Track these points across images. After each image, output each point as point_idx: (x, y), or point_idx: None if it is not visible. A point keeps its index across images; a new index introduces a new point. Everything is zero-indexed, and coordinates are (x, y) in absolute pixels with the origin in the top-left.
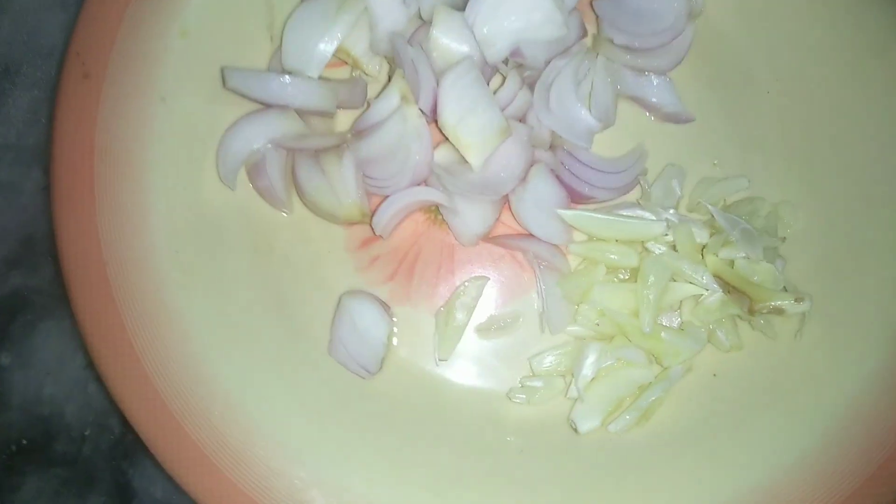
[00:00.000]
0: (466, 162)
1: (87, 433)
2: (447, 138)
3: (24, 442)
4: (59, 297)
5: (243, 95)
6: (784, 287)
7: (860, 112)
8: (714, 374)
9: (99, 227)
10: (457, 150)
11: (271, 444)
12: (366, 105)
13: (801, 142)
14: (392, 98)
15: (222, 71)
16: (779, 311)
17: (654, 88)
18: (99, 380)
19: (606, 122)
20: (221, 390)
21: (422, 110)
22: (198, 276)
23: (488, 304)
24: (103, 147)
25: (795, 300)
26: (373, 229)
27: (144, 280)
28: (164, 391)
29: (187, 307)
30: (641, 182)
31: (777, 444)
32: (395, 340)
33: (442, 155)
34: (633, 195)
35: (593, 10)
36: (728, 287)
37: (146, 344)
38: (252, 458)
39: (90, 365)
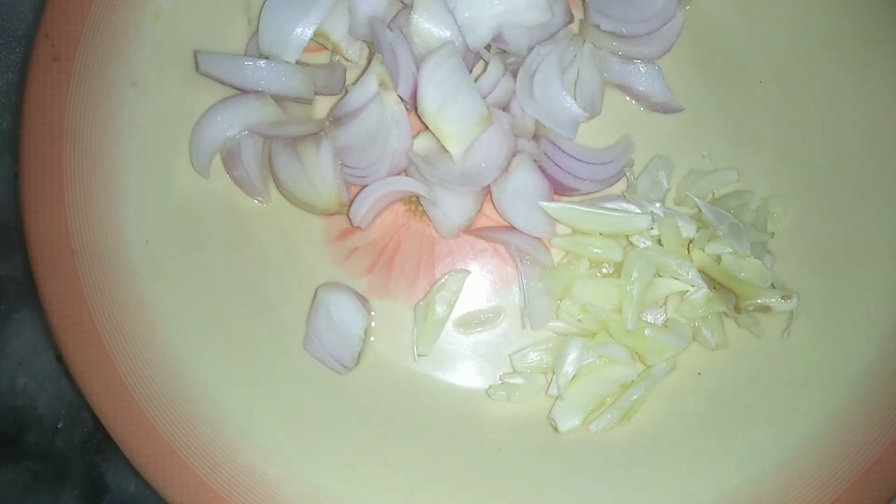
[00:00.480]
0: (447, 151)
1: (59, 426)
2: (427, 127)
3: None
4: (33, 287)
5: (218, 80)
6: (772, 284)
7: (854, 104)
8: (699, 373)
9: (68, 215)
10: (437, 139)
11: (242, 439)
12: (344, 91)
13: (794, 134)
14: (370, 84)
15: (196, 55)
16: (765, 309)
17: (642, 77)
18: (69, 374)
19: (592, 111)
20: (192, 384)
21: (401, 97)
22: (169, 267)
23: (469, 298)
24: (73, 132)
25: (783, 298)
26: (350, 220)
27: (114, 270)
28: (132, 385)
29: (158, 299)
30: (627, 174)
31: (762, 445)
32: (372, 335)
33: (421, 144)
34: (619, 187)
35: None
36: (714, 283)
37: (115, 337)
38: (222, 455)
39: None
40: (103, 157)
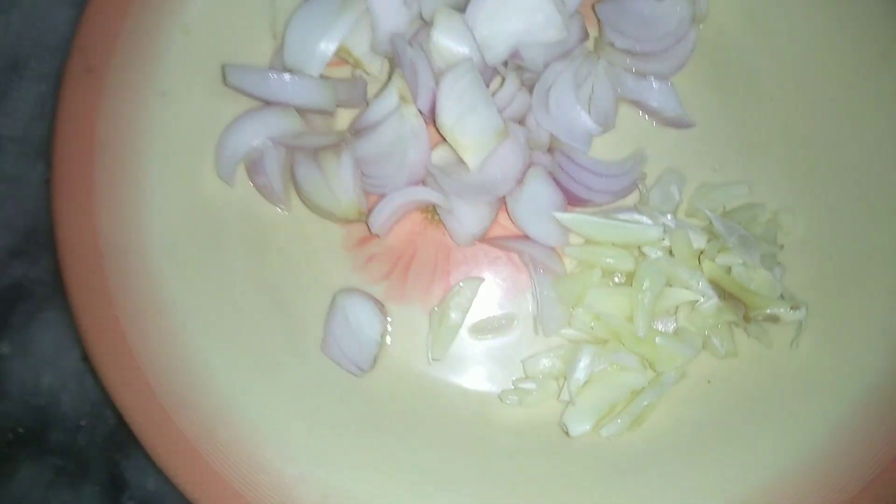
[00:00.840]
0: (464, 163)
1: (82, 423)
2: (445, 139)
3: (21, 430)
4: (60, 289)
5: (244, 92)
6: (781, 294)
7: (865, 120)
8: (708, 381)
9: (97, 219)
10: (454, 151)
11: (261, 439)
12: (365, 104)
13: (803, 149)
14: (390, 98)
15: (223, 68)
16: (774, 319)
17: (656, 93)
18: (93, 371)
19: (606, 125)
20: (213, 384)
21: (420, 110)
22: (194, 270)
23: (483, 304)
24: (104, 140)
25: (791, 308)
26: (369, 228)
27: (140, 273)
28: (155, 384)
29: (182, 301)
30: (640, 186)
31: (771, 453)
32: (388, 339)
33: (439, 155)
34: (632, 199)
35: (595, 14)
36: (724, 293)
37: (140, 336)
38: (241, 453)
39: (86, 357)
40: (132, 163)
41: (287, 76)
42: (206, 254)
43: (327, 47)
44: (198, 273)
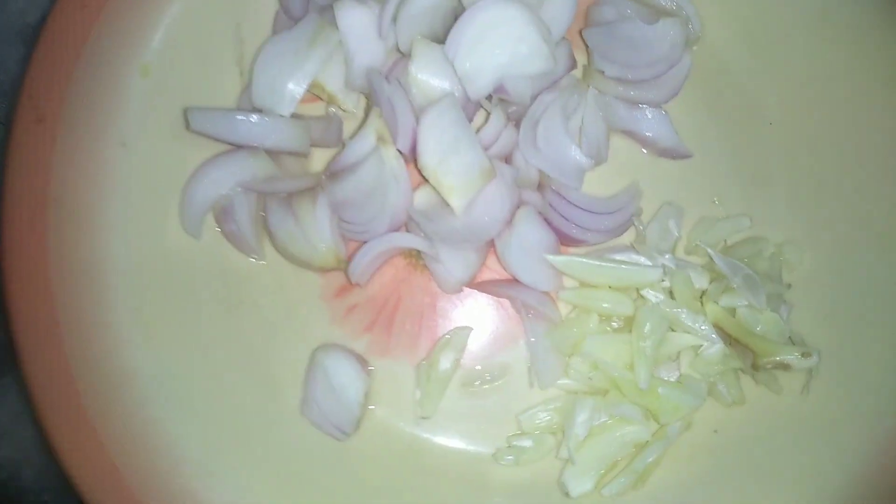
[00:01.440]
0: (448, 205)
1: (45, 499)
2: (427, 180)
3: None
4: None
5: (210, 136)
6: (790, 337)
7: (871, 146)
8: (715, 431)
9: (52, 284)
10: (438, 194)
11: None
12: (341, 144)
13: (807, 177)
14: (368, 138)
15: (185, 112)
16: (784, 367)
17: (649, 122)
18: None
19: (598, 159)
20: (183, 461)
21: (400, 151)
22: (160, 334)
23: (473, 356)
24: (58, 197)
25: (802, 355)
26: (349, 277)
27: (101, 340)
28: (120, 463)
29: (148, 369)
30: (636, 223)
31: None
32: (373, 398)
33: (422, 198)
34: (627, 237)
35: (583, 40)
36: (730, 339)
37: (101, 411)
38: None
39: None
40: (90, 221)
41: (255, 117)
42: (173, 314)
43: (298, 84)
44: (164, 336)
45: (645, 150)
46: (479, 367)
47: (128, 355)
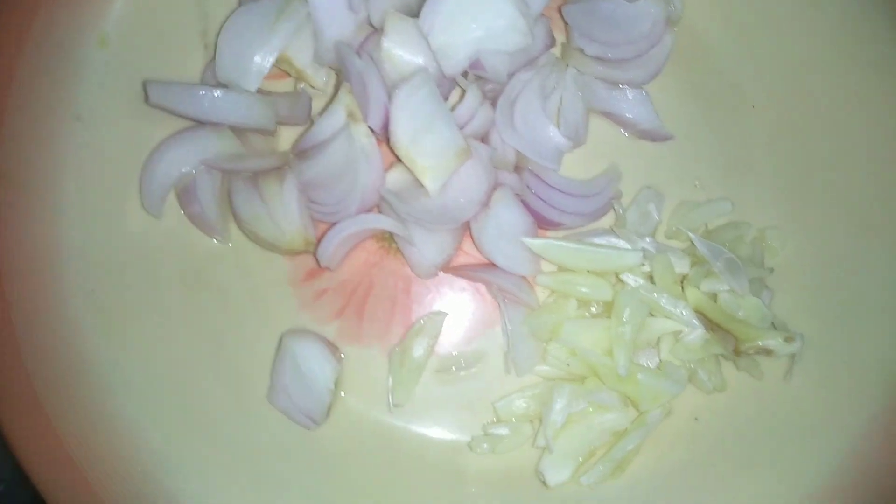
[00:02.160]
0: (422, 186)
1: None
2: (400, 160)
3: None
4: None
5: (171, 112)
6: (772, 323)
7: (855, 129)
8: (695, 419)
9: (1, 266)
10: (411, 173)
11: None
12: (310, 122)
13: (790, 161)
14: (338, 115)
15: (145, 85)
16: (766, 352)
17: (629, 103)
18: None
19: (577, 140)
20: (144, 452)
21: (371, 128)
22: (117, 319)
23: (448, 342)
24: (7, 173)
25: (785, 340)
26: (318, 260)
27: (55, 325)
28: (76, 455)
29: (104, 356)
30: (615, 206)
31: (764, 495)
32: (343, 386)
33: (394, 178)
34: (607, 221)
35: (562, 17)
36: (710, 324)
37: (57, 402)
38: None
39: None
40: (42, 199)
41: (219, 92)
42: (132, 298)
43: (265, 58)
44: (123, 322)
45: (625, 132)
46: (454, 354)
47: (84, 341)
